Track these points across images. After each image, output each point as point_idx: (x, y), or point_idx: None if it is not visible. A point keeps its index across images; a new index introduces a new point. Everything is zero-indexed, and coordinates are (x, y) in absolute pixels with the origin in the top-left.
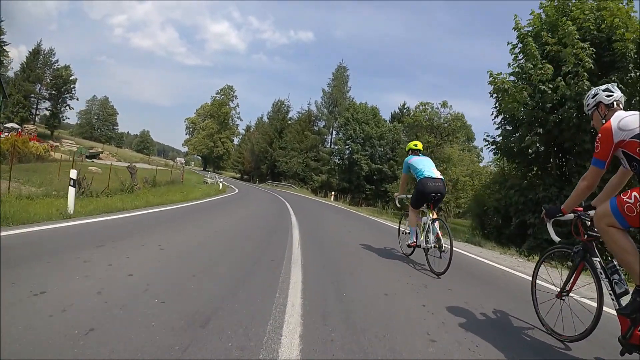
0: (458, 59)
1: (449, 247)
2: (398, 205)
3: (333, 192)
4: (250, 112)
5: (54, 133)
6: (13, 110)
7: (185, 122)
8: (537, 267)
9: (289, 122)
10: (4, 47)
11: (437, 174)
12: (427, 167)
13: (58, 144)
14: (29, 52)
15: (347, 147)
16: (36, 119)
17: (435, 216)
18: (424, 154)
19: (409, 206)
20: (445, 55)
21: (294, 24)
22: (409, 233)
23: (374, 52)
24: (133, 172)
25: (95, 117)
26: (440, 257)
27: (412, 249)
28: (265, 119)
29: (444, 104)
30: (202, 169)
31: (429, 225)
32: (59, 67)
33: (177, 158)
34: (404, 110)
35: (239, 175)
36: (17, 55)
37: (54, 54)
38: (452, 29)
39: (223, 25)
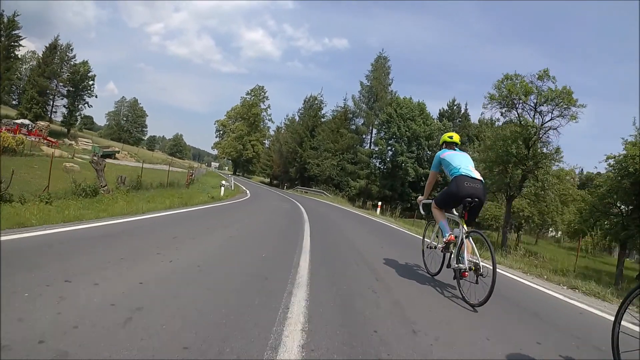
0: (494, 66)
1: (491, 268)
2: (422, 212)
3: (379, 203)
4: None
5: (70, 131)
6: (27, 107)
7: (215, 124)
8: (624, 305)
9: (322, 119)
10: (20, 42)
11: (476, 174)
12: (464, 163)
13: (73, 142)
14: (45, 47)
15: (390, 147)
16: (52, 116)
17: (468, 228)
18: (460, 149)
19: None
20: (480, 62)
21: (328, 32)
22: (434, 248)
23: (408, 59)
24: (99, 169)
25: (124, 119)
26: (477, 282)
27: (440, 268)
28: (297, 118)
29: (544, 74)
30: (232, 173)
31: (462, 240)
32: (76, 62)
33: (212, 162)
34: (454, 107)
35: (268, 180)
36: None
37: (71, 49)
38: (485, 35)
39: (258, 33)
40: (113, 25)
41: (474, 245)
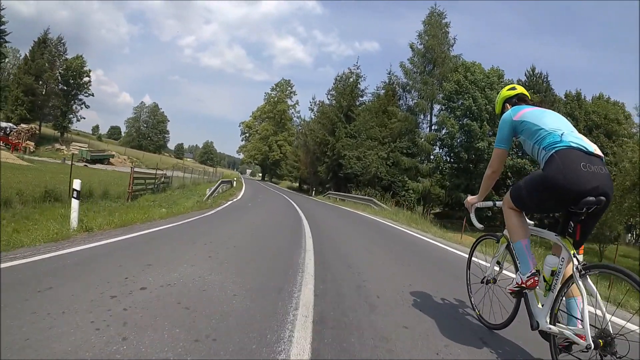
0: (530, 59)
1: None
2: (475, 223)
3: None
4: None
5: (64, 135)
6: (12, 109)
7: (240, 126)
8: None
9: (361, 97)
10: (5, 37)
11: (592, 145)
12: (565, 126)
13: (64, 147)
14: (34, 41)
15: (464, 129)
16: (41, 117)
17: (582, 258)
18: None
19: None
20: (515, 56)
21: (358, 35)
22: (492, 281)
23: None
24: None
25: (144, 125)
26: None
27: (510, 318)
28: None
29: None
30: (260, 178)
31: (575, 283)
32: (67, 57)
33: (247, 170)
34: (534, 78)
35: (297, 184)
36: (94, 79)
37: (63, 43)
38: (518, 29)
39: (288, 41)
40: (145, 40)
41: (597, 293)
